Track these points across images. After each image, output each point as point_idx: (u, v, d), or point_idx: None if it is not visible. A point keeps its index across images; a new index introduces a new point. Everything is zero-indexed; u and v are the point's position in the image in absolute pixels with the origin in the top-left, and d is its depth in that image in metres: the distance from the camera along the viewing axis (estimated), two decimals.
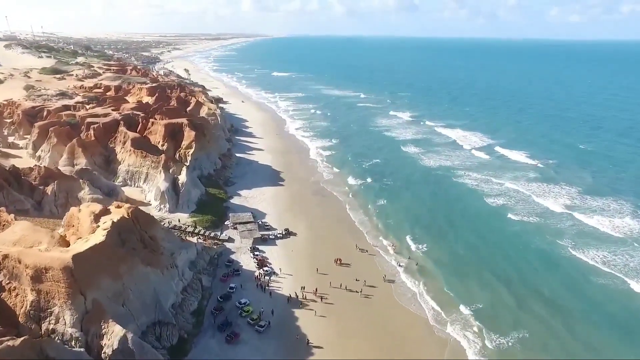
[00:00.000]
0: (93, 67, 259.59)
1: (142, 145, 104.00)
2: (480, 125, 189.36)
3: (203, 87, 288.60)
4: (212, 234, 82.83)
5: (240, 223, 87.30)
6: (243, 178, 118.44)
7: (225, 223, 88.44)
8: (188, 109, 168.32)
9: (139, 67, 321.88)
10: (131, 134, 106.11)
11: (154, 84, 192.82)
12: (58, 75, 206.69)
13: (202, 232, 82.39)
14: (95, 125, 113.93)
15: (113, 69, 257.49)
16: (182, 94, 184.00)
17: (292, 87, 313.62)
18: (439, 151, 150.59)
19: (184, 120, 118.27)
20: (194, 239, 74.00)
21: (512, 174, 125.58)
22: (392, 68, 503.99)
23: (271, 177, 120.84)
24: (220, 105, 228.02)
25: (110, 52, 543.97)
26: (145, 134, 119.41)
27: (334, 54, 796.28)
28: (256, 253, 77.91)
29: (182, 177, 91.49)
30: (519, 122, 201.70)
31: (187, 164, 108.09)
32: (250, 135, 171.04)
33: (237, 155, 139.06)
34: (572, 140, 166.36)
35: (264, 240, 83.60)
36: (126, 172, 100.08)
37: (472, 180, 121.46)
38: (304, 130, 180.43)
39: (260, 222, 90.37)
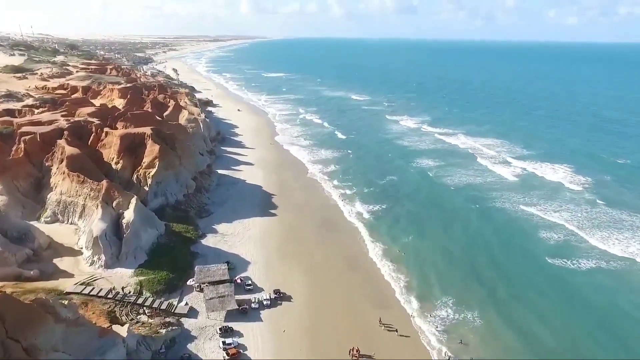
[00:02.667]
0: (68, 65, 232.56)
1: (83, 165, 76.67)
2: (489, 132, 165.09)
3: (192, 88, 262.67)
4: (166, 304, 55.48)
5: (209, 283, 59.96)
6: (223, 205, 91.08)
7: (189, 282, 61.14)
8: (165, 113, 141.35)
9: (123, 66, 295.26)
10: (69, 149, 78.78)
11: (128, 85, 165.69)
12: (19, 74, 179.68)
13: (149, 301, 55.00)
14: (28, 137, 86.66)
15: (90, 68, 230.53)
16: (161, 96, 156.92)
17: (288, 89, 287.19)
18: (455, 165, 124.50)
19: (147, 130, 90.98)
20: (125, 327, 46.18)
21: (543, 197, 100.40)
22: (390, 70, 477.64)
23: (260, 203, 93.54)
24: (209, 108, 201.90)
25: (102, 52, 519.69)
26: (98, 147, 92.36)
27: (333, 56, 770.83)
28: (228, 342, 50.32)
29: (129, 215, 64.17)
30: (527, 127, 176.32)
31: (147, 188, 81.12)
32: (239, 145, 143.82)
33: (220, 172, 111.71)
34: (595, 149, 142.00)
35: (243, 313, 56.28)
36: (57, 203, 72.64)
37: (500, 205, 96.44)
38: (303, 139, 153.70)
39: (239, 280, 63.07)
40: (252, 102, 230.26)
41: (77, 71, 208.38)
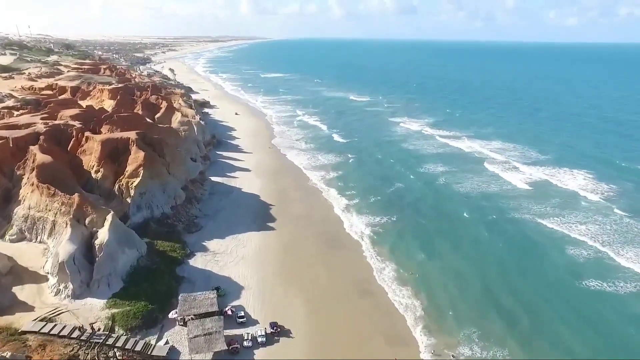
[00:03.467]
0: (60, 65, 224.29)
1: (56, 175, 68.07)
2: (493, 135, 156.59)
3: (189, 88, 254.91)
4: (142, 343, 46.87)
5: (194, 316, 51.35)
6: (215, 217, 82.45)
7: (170, 315, 52.53)
8: (157, 115, 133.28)
9: (118, 66, 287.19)
10: (40, 157, 70.18)
11: (119, 85, 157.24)
12: (5, 74, 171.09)
13: (122, 340, 46.36)
14: None
15: (83, 68, 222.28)
16: (153, 97, 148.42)
17: (288, 90, 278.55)
18: (462, 171, 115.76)
19: (132, 135, 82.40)
20: None
21: (560, 208, 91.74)
22: (390, 70, 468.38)
23: (257, 215, 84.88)
24: (205, 110, 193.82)
25: (100, 52, 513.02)
26: (78, 153, 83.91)
27: (333, 56, 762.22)
28: None
29: (103, 234, 55.58)
30: (533, 129, 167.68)
31: (129, 199, 72.60)
32: (236, 149, 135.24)
33: (214, 179, 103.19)
34: (607, 153, 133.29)
35: (233, 353, 47.77)
36: (24, 219, 63.99)
37: (515, 216, 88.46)
38: (303, 142, 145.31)
39: (230, 311, 54.44)
40: (250, 104, 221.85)
41: (68, 71, 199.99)
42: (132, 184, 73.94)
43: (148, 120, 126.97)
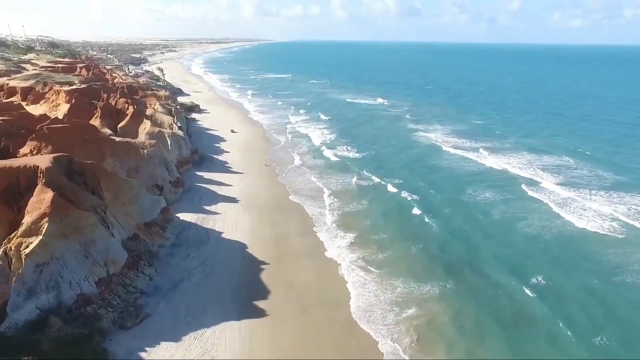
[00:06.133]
0: (27, 63, 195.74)
1: None
2: (521, 147, 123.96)
3: (179, 90, 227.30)
4: None
5: None
6: (173, 293, 52.10)
7: None
8: (120, 125, 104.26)
9: (101, 65, 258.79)
10: None
11: (80, 86, 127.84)
12: None
13: None
14: None
15: (56, 67, 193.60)
16: (122, 101, 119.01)
17: (289, 93, 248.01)
18: (503, 201, 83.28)
19: (42, 162, 52.49)
20: None
21: None
22: (393, 71, 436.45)
23: (239, 288, 54.50)
24: (193, 115, 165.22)
25: (94, 52, 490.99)
26: None
27: (335, 58, 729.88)
28: None
29: None
30: (564, 138, 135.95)
31: (18, 272, 42.72)
32: (223, 167, 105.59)
33: (184, 217, 73.10)
34: None
35: None
36: None
37: (601, 287, 55.41)
38: (309, 156, 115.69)
39: None
40: (245, 108, 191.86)
41: (33, 69, 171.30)
42: (25, 248, 44.12)
43: (107, 131, 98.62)
